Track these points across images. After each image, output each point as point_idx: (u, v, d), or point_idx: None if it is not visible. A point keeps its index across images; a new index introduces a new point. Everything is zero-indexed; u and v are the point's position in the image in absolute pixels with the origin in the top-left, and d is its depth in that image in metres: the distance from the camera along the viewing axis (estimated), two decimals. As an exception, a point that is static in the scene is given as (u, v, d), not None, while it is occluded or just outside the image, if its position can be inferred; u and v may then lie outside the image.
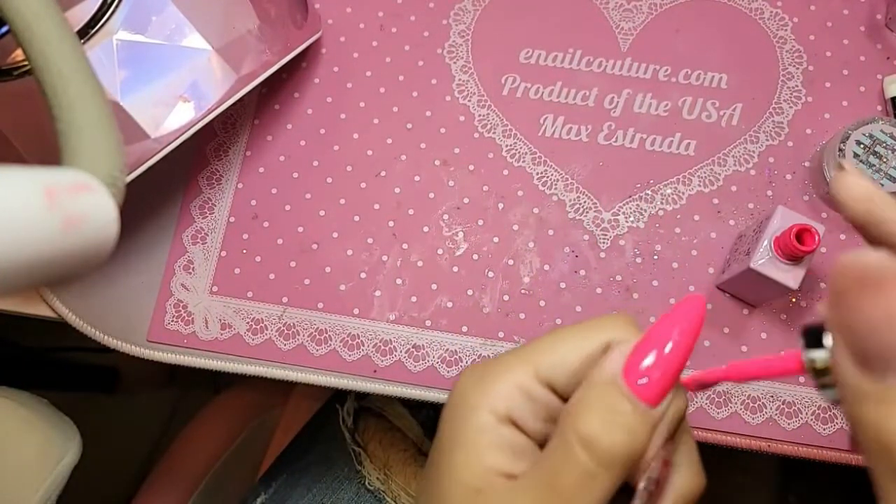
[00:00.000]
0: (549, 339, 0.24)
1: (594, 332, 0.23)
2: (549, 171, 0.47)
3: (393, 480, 0.51)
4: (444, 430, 0.24)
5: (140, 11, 0.36)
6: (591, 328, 0.24)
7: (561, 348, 0.23)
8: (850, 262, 0.17)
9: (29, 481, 0.45)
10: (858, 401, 0.17)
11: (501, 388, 0.23)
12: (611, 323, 0.24)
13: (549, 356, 0.23)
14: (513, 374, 0.23)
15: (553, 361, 0.23)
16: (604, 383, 0.22)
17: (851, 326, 0.17)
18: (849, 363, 0.17)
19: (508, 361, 0.24)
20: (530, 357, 0.24)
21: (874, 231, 0.21)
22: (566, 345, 0.23)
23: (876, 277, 0.16)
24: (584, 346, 0.23)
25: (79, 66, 0.24)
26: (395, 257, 0.45)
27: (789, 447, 0.42)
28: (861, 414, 0.17)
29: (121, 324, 0.44)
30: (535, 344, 0.24)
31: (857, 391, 0.17)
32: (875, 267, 0.17)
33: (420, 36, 0.50)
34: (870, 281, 0.16)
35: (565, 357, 0.23)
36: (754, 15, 0.49)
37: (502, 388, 0.23)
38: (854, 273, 0.17)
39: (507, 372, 0.23)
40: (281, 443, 0.60)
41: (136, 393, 0.98)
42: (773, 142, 0.47)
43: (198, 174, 0.47)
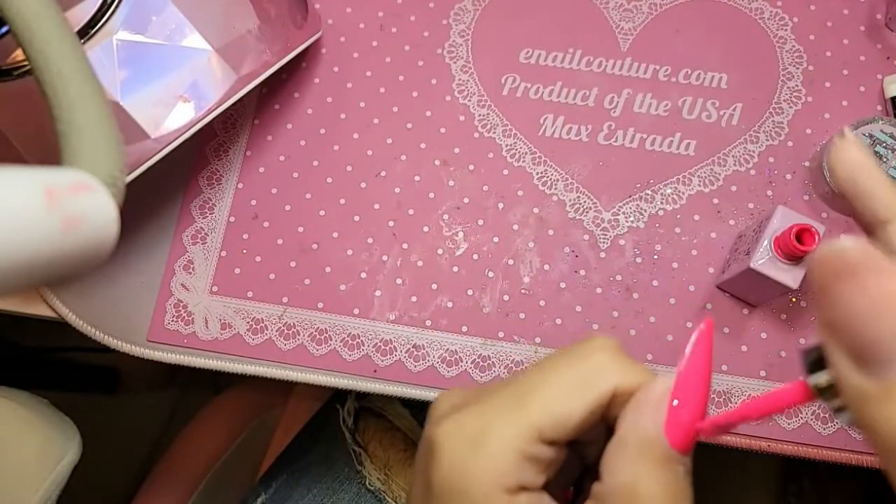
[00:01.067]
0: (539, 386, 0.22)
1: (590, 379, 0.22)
2: (549, 171, 0.47)
3: (393, 481, 0.51)
4: None
5: (140, 11, 0.36)
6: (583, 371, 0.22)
7: (560, 402, 0.22)
8: (826, 253, 0.16)
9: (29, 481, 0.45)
10: (863, 403, 0.16)
11: (505, 463, 0.21)
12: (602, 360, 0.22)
13: (548, 413, 0.22)
14: (512, 444, 0.22)
15: (554, 420, 0.22)
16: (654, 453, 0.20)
17: (838, 322, 0.16)
18: (846, 365, 0.16)
19: (502, 428, 0.22)
20: (527, 416, 0.22)
21: (859, 205, 0.21)
22: (565, 398, 0.22)
23: (853, 265, 0.16)
24: (585, 398, 0.22)
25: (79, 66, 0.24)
26: (395, 257, 0.45)
27: (789, 447, 0.42)
28: (869, 416, 0.16)
29: (121, 324, 0.44)
30: (525, 394, 0.22)
31: (860, 393, 0.16)
32: (851, 254, 0.16)
33: (420, 36, 0.50)
34: (847, 269, 0.16)
35: (567, 414, 0.22)
36: (754, 15, 0.49)
37: (506, 463, 0.21)
38: (831, 265, 0.16)
39: (506, 442, 0.22)
40: (281, 443, 0.60)
41: (136, 393, 0.98)
42: (773, 142, 0.47)
43: (198, 174, 0.47)
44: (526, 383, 0.23)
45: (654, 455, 0.20)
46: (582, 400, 0.22)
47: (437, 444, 0.22)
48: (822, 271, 0.16)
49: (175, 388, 0.98)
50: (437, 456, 0.22)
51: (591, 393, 0.22)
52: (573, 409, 0.22)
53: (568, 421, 0.22)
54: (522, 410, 0.22)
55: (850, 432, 0.42)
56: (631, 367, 0.22)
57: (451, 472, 0.22)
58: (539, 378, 0.23)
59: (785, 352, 0.43)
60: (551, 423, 0.22)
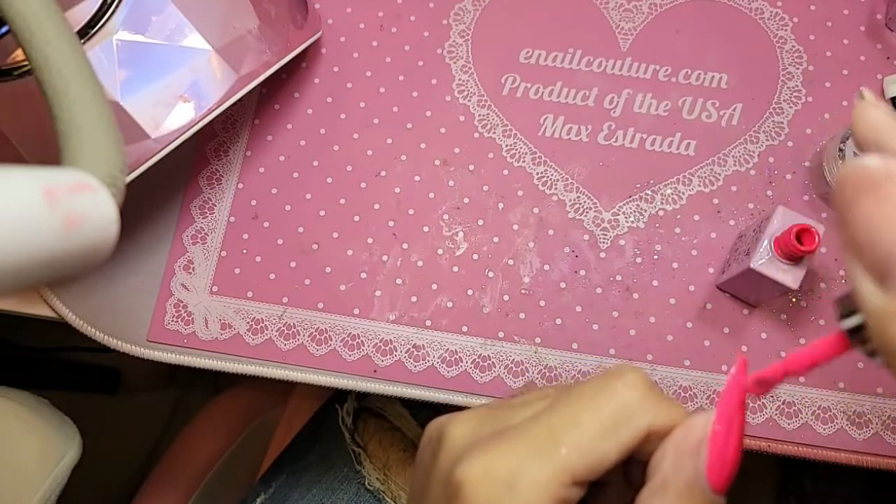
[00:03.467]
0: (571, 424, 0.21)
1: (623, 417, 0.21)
2: (549, 171, 0.47)
3: (393, 481, 0.51)
4: None
5: (140, 11, 0.36)
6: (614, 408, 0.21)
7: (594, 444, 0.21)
8: (849, 169, 0.16)
9: (29, 481, 0.45)
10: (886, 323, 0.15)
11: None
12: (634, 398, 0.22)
13: (583, 458, 0.21)
14: (549, 486, 0.21)
15: (589, 463, 0.21)
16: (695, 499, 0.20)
17: (859, 237, 0.16)
18: (867, 284, 0.16)
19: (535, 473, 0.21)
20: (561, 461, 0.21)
21: None
22: (599, 439, 0.21)
23: (874, 178, 0.15)
24: (619, 440, 0.21)
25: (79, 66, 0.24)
26: (395, 257, 0.45)
27: (789, 447, 0.42)
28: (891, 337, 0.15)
29: (121, 324, 0.44)
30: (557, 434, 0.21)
31: (883, 313, 0.15)
32: (872, 169, 0.15)
33: (420, 36, 0.50)
34: (868, 183, 0.15)
35: (602, 455, 0.21)
36: (754, 15, 0.49)
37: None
38: (853, 179, 0.16)
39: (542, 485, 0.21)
40: (281, 443, 0.60)
41: (136, 393, 0.98)
42: (773, 142, 0.47)
43: (198, 174, 0.47)
44: (558, 421, 0.22)
45: (696, 499, 0.20)
46: (616, 441, 0.21)
47: (465, 485, 0.21)
48: (844, 188, 0.16)
49: (175, 388, 0.98)
50: (466, 499, 0.21)
51: (624, 434, 0.21)
52: (607, 452, 0.21)
53: (602, 463, 0.21)
54: (555, 454, 0.21)
55: (849, 433, 0.42)
56: (664, 404, 0.22)
57: None
58: (570, 416, 0.22)
59: (785, 352, 0.43)
60: (585, 467, 0.21)
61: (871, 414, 0.42)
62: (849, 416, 0.42)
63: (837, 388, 0.43)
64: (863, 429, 0.42)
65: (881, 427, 0.42)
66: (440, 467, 0.23)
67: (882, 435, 0.42)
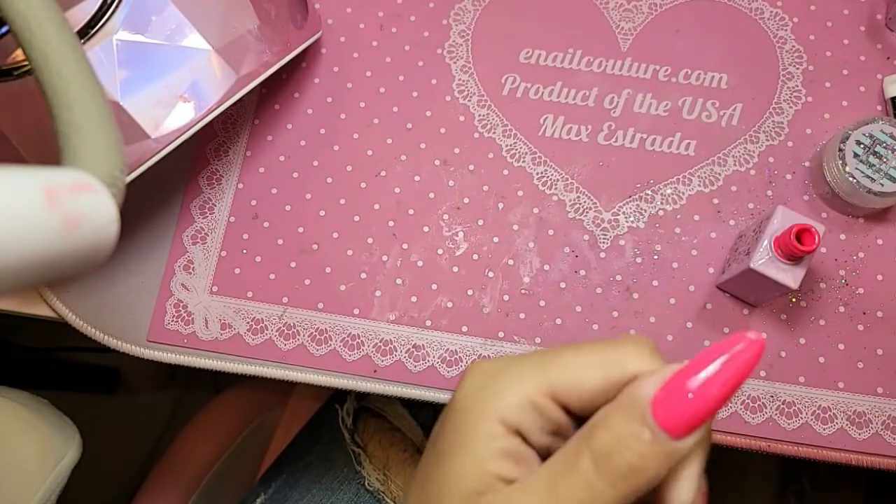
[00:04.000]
0: (566, 355, 0.23)
1: (616, 359, 0.22)
2: (549, 171, 0.47)
3: (392, 481, 0.51)
4: (447, 432, 0.23)
5: (140, 11, 0.36)
6: (612, 352, 0.23)
7: (580, 370, 0.22)
8: None
9: (29, 481, 0.45)
10: None
11: (513, 399, 0.22)
12: (634, 350, 0.22)
13: (566, 375, 0.22)
14: (526, 388, 0.22)
15: (570, 382, 0.22)
16: (629, 407, 0.21)
17: None
18: None
19: (523, 371, 0.23)
20: (546, 372, 0.23)
21: None
22: (586, 367, 0.22)
23: None
24: (605, 372, 0.22)
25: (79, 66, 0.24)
26: (395, 257, 0.45)
27: (789, 447, 0.42)
28: None
29: (121, 324, 0.44)
30: (552, 357, 0.23)
31: None
32: None
33: (420, 36, 0.50)
34: None
35: (584, 380, 0.22)
36: (754, 15, 0.49)
37: (514, 399, 0.22)
38: None
39: (521, 383, 0.23)
40: (281, 443, 0.60)
41: (136, 393, 0.98)
42: (773, 142, 0.47)
43: (198, 174, 0.47)
44: (555, 351, 0.24)
45: (631, 406, 0.21)
46: (601, 373, 0.22)
47: (467, 372, 0.24)
48: None
49: (175, 388, 0.98)
50: (462, 381, 0.24)
51: (611, 370, 0.22)
52: (590, 378, 0.22)
53: (582, 386, 0.22)
54: (543, 366, 0.23)
55: (849, 433, 0.42)
56: (656, 359, 0.22)
57: (465, 391, 0.24)
58: (571, 347, 0.24)
59: (785, 352, 0.43)
60: (566, 384, 0.22)
61: (871, 414, 0.42)
62: (849, 416, 0.42)
63: (837, 388, 0.43)
64: (863, 429, 0.42)
65: (881, 427, 0.42)
66: None
67: (882, 435, 0.42)
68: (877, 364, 0.43)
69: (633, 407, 0.21)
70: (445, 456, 0.23)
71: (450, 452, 0.23)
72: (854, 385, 0.43)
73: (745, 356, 0.20)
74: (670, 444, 0.20)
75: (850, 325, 0.44)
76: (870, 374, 0.43)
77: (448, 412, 0.24)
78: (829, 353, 0.43)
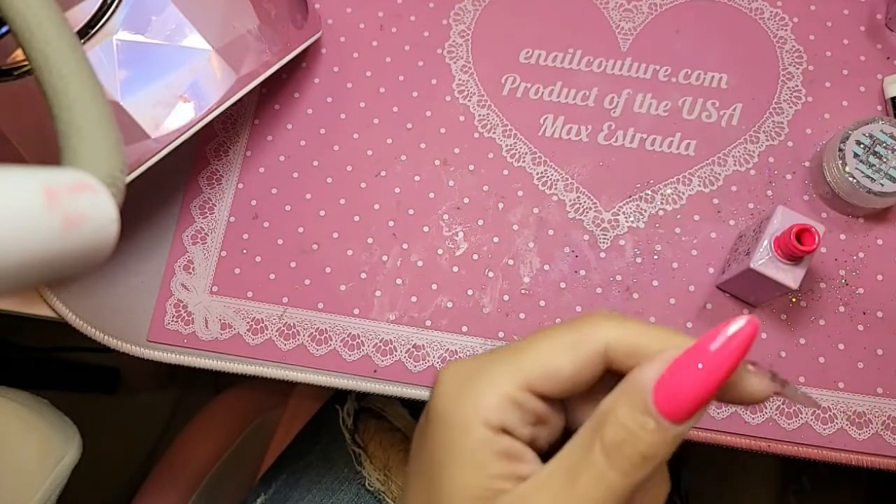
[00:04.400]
0: (537, 345, 0.23)
1: (586, 337, 0.23)
2: (549, 171, 0.47)
3: (393, 481, 0.51)
4: (435, 445, 0.23)
5: (140, 11, 0.36)
6: (581, 332, 0.23)
7: (553, 357, 0.23)
8: None
9: (29, 481, 0.45)
10: None
11: (491, 400, 0.22)
12: (600, 323, 0.23)
13: (540, 366, 0.23)
14: (502, 386, 0.23)
15: (544, 371, 0.23)
16: (632, 395, 0.21)
17: None
18: None
19: (496, 370, 0.23)
20: (520, 366, 0.23)
21: None
22: (558, 354, 0.23)
23: None
24: (577, 354, 0.22)
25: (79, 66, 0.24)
26: (395, 257, 0.45)
27: (789, 447, 0.42)
28: None
29: (121, 324, 0.44)
30: (523, 350, 0.23)
31: None
32: None
33: (420, 36, 0.50)
34: None
35: (558, 367, 0.22)
36: (754, 15, 0.49)
37: (492, 400, 0.22)
38: None
39: (496, 383, 0.23)
40: (281, 443, 0.60)
41: (136, 393, 0.98)
42: (773, 142, 0.47)
43: (198, 174, 0.47)
44: (526, 340, 0.24)
45: (634, 398, 0.21)
46: (573, 355, 0.23)
47: (439, 380, 0.24)
48: None
49: (175, 388, 0.98)
50: (436, 389, 0.24)
51: (582, 348, 0.23)
52: (563, 363, 0.22)
53: (557, 374, 0.22)
54: (515, 360, 0.23)
55: (849, 433, 0.42)
56: (625, 324, 0.23)
57: (442, 400, 0.23)
58: (538, 336, 0.24)
59: (785, 352, 0.43)
60: (540, 374, 0.23)
61: (871, 414, 0.42)
62: (849, 416, 0.42)
63: (837, 388, 0.43)
64: (863, 429, 0.42)
65: (881, 427, 0.42)
66: None
67: (882, 435, 0.42)
68: (877, 364, 0.43)
69: (635, 396, 0.21)
70: (442, 470, 0.23)
71: (446, 466, 0.23)
72: (854, 385, 0.43)
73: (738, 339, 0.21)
74: (673, 430, 0.21)
75: (850, 325, 0.44)
76: (870, 375, 0.43)
77: (428, 423, 0.24)
78: (829, 353, 0.43)
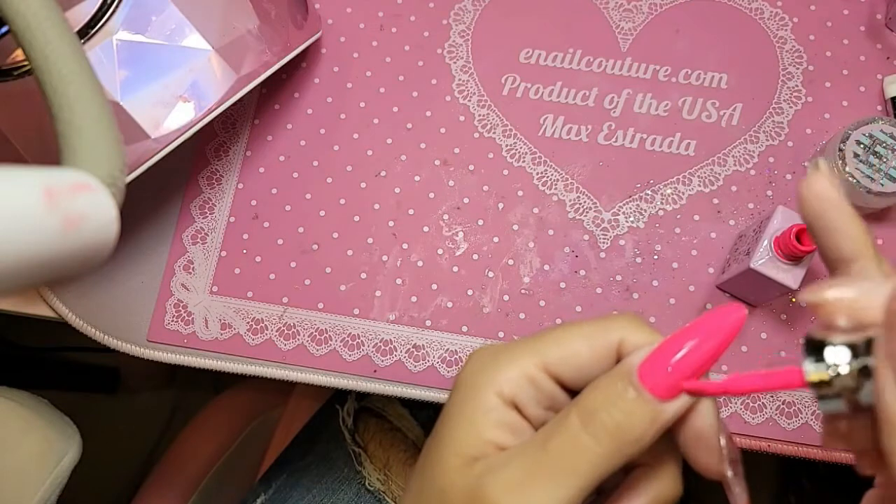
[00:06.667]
0: (559, 332, 0.24)
1: (605, 330, 0.24)
2: (549, 171, 0.47)
3: (393, 481, 0.51)
4: (448, 406, 0.25)
5: (140, 11, 0.36)
6: (601, 325, 0.24)
7: (571, 343, 0.24)
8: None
9: (29, 481, 0.45)
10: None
11: (509, 373, 0.24)
12: (622, 321, 0.24)
13: (558, 350, 0.24)
14: (521, 362, 0.24)
15: (562, 355, 0.24)
16: (617, 370, 0.22)
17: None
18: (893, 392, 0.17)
19: (518, 350, 0.24)
20: (540, 348, 0.24)
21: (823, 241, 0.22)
22: (576, 340, 0.24)
23: None
24: (594, 343, 0.24)
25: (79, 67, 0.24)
26: (395, 257, 0.45)
27: (789, 447, 0.42)
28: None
29: (121, 324, 0.44)
30: (546, 335, 0.25)
31: None
32: None
33: (420, 36, 0.50)
34: None
35: (575, 352, 0.24)
36: (754, 15, 0.49)
37: (510, 373, 0.24)
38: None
39: (517, 359, 0.24)
40: (281, 443, 0.60)
41: (136, 393, 0.98)
42: (773, 142, 0.47)
43: (198, 174, 0.47)
44: (548, 329, 0.25)
45: (619, 369, 0.22)
46: (590, 344, 0.24)
47: (469, 358, 0.26)
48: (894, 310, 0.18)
49: (175, 388, 0.98)
50: (464, 366, 0.26)
51: (599, 339, 0.24)
52: (579, 349, 0.24)
53: (574, 358, 0.24)
54: (537, 343, 0.25)
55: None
56: (643, 327, 0.24)
57: (465, 372, 0.25)
58: (560, 326, 0.25)
59: (785, 352, 0.43)
60: (557, 357, 0.24)
61: (871, 414, 0.42)
62: (849, 416, 0.42)
63: (837, 388, 0.43)
64: (863, 429, 0.42)
65: (881, 427, 0.42)
66: None
67: (882, 435, 0.42)
68: (877, 364, 0.43)
69: (620, 369, 0.22)
70: (445, 425, 0.25)
71: (449, 422, 0.24)
72: (854, 385, 0.43)
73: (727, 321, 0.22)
74: (654, 404, 0.21)
75: (850, 325, 0.44)
76: (870, 374, 0.43)
77: (451, 392, 0.26)
78: (829, 353, 0.43)
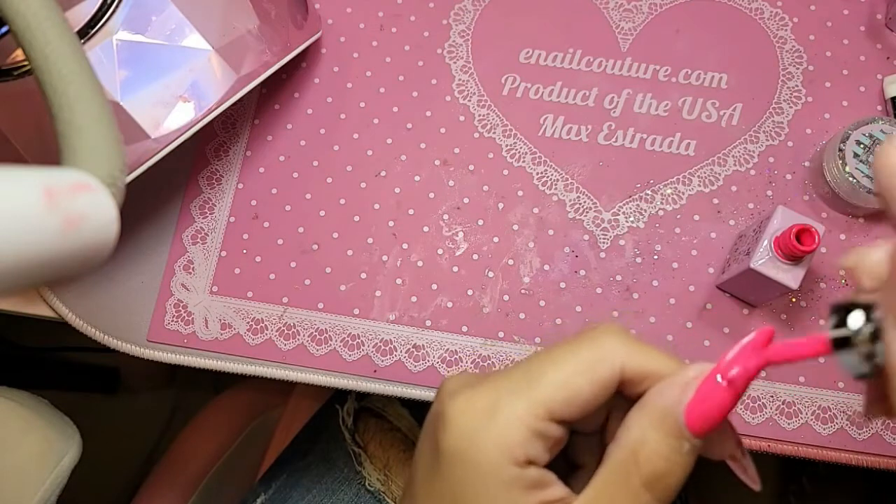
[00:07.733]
0: (548, 366, 0.23)
1: (598, 359, 0.23)
2: (549, 171, 0.47)
3: (393, 482, 0.51)
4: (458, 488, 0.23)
5: (140, 11, 0.36)
6: (590, 350, 0.23)
7: (569, 380, 0.23)
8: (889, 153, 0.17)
9: (29, 481, 0.45)
10: None
11: (515, 436, 0.22)
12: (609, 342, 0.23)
13: (558, 392, 0.23)
14: (525, 420, 0.22)
15: (565, 397, 0.22)
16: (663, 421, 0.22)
17: None
18: None
19: (513, 404, 0.23)
20: (537, 394, 0.23)
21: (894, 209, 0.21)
22: (573, 376, 0.23)
23: None
24: (593, 377, 0.23)
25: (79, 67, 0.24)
26: (395, 257, 0.45)
27: (789, 447, 0.42)
28: None
29: (121, 324, 0.44)
30: (534, 375, 0.23)
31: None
32: None
33: (420, 36, 0.50)
34: None
35: (577, 392, 0.23)
36: (754, 15, 0.49)
37: (516, 436, 0.22)
38: None
39: (517, 417, 0.22)
40: (281, 443, 0.60)
41: (136, 393, 0.98)
42: (773, 142, 0.47)
43: (198, 174, 0.47)
44: (537, 364, 0.23)
45: (668, 424, 0.21)
46: (590, 379, 0.22)
47: (448, 415, 0.23)
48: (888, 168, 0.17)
49: (175, 388, 0.98)
50: (448, 426, 0.23)
51: (598, 372, 0.23)
52: (581, 388, 0.22)
53: (576, 399, 0.22)
54: (533, 389, 0.23)
55: (849, 433, 0.42)
56: (637, 347, 0.23)
57: (461, 441, 0.23)
58: (549, 360, 0.23)
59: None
60: (561, 401, 0.22)
61: (871, 414, 0.42)
62: (849, 416, 0.42)
63: (837, 388, 0.43)
64: (863, 429, 0.42)
65: (881, 427, 0.42)
66: (433, 409, 0.25)
67: (882, 435, 0.42)
68: (877, 364, 0.43)
69: (668, 421, 0.22)
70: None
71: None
72: (854, 385, 0.43)
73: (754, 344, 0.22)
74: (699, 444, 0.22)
75: (850, 325, 0.44)
76: (870, 374, 0.43)
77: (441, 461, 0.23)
78: (829, 353, 0.43)
